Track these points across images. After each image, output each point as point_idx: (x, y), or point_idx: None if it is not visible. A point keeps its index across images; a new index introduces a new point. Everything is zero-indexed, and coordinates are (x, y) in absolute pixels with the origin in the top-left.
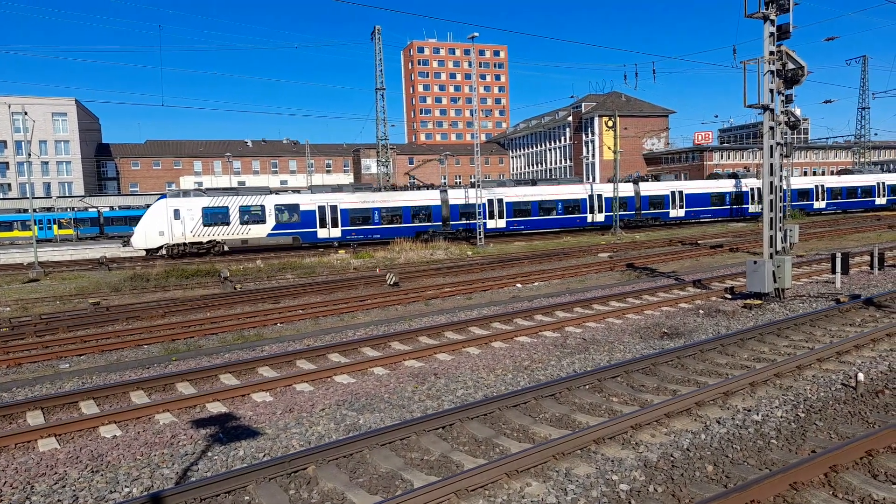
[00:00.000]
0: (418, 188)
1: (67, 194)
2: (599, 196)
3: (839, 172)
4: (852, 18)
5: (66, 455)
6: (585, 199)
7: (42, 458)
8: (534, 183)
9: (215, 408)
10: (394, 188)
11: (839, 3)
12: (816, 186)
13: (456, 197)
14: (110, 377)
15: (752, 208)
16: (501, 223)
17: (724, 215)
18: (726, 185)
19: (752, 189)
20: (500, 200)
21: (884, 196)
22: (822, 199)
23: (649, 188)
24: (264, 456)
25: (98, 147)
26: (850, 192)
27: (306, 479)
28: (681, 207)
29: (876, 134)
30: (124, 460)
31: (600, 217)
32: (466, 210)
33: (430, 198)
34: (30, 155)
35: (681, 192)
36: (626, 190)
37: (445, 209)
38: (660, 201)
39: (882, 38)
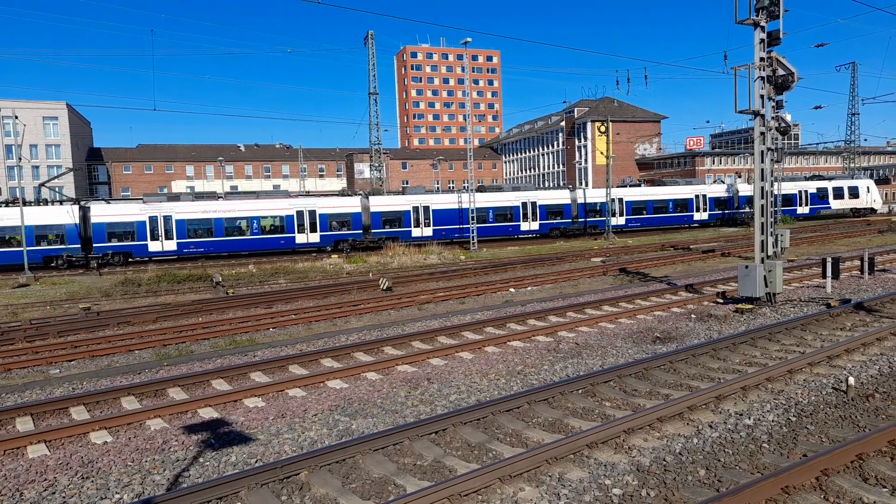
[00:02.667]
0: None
1: (60, 199)
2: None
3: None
4: (842, 25)
5: (55, 461)
6: (518, 207)
7: (31, 464)
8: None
9: (207, 413)
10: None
11: (829, 10)
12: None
13: (378, 204)
14: (101, 383)
15: (698, 216)
16: (428, 231)
17: (666, 223)
18: (667, 192)
19: (697, 196)
20: (425, 207)
21: (704, 211)
22: (622, 215)
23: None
24: (256, 462)
25: (89, 151)
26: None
27: (298, 485)
28: (621, 215)
29: (865, 139)
30: (115, 466)
31: (535, 225)
32: (390, 217)
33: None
34: (20, 159)
35: (621, 199)
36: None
37: (367, 217)
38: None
39: (871, 44)
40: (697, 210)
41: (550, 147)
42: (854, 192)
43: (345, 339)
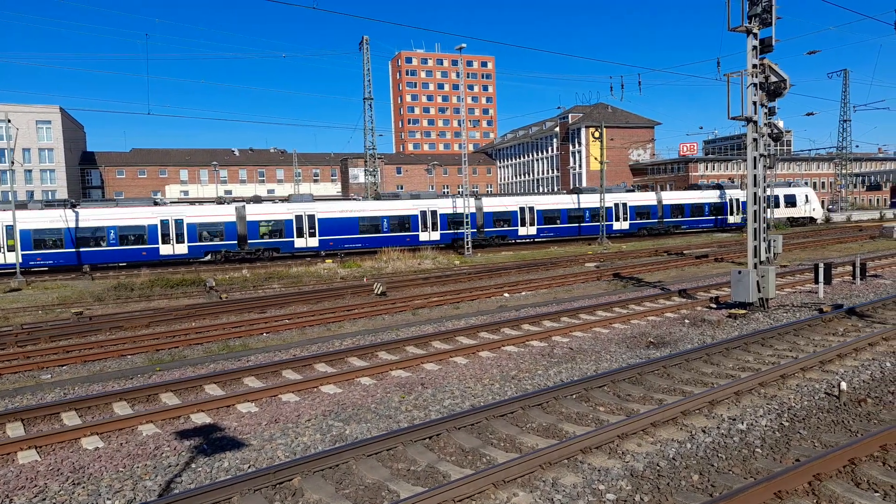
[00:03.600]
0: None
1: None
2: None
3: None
4: (833, 33)
5: (46, 467)
6: (417, 216)
7: (22, 470)
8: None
9: (200, 419)
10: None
11: (821, 17)
12: (522, 208)
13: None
14: (93, 388)
15: (617, 225)
16: (314, 241)
17: (573, 234)
18: (568, 201)
19: (616, 205)
20: (310, 216)
21: (624, 220)
22: (533, 225)
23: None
24: (249, 467)
25: (83, 155)
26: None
27: (291, 491)
28: (531, 225)
29: (857, 146)
30: (106, 472)
31: (435, 236)
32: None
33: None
34: (13, 163)
35: (531, 208)
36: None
37: (242, 226)
38: (507, 218)
39: (862, 52)
40: (617, 220)
41: (545, 152)
42: (791, 201)
43: (339, 344)
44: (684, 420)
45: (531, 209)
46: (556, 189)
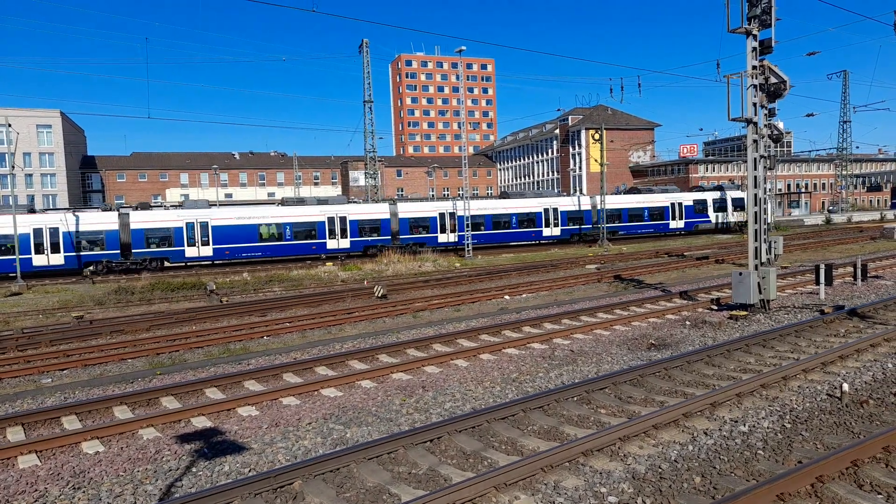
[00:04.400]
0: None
1: (52, 207)
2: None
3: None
4: (833, 34)
5: (46, 472)
6: (324, 223)
7: (22, 474)
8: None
9: (200, 422)
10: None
11: (820, 19)
12: (441, 214)
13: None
14: (93, 392)
15: (547, 231)
16: (207, 250)
17: (499, 241)
18: (496, 206)
19: (546, 210)
20: (203, 224)
21: (556, 227)
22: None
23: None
24: (250, 471)
25: (83, 159)
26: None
27: (292, 495)
28: (453, 231)
29: (857, 147)
30: (107, 477)
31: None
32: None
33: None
34: (13, 167)
35: (451, 214)
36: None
37: (126, 235)
38: (426, 224)
39: (862, 53)
40: (547, 225)
41: (545, 154)
42: (740, 204)
43: (339, 347)
44: (686, 422)
45: (452, 215)
46: (557, 190)
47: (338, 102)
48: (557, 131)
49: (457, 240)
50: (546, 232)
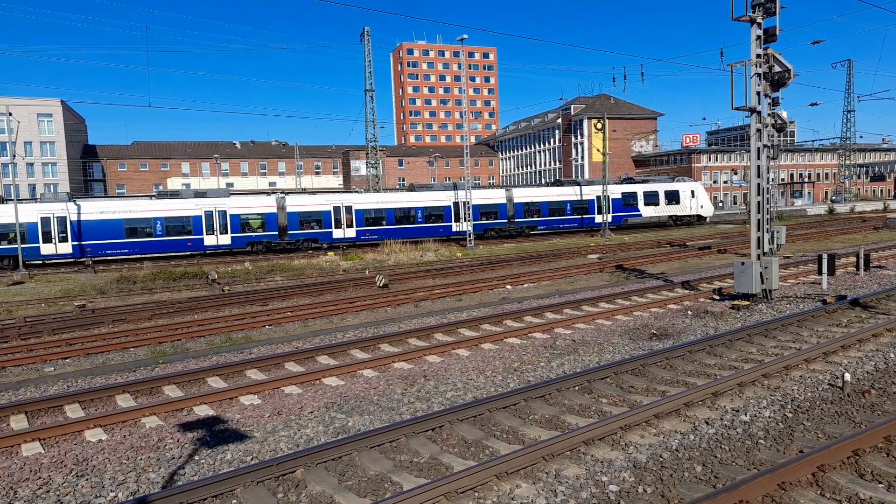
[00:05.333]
0: None
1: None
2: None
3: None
4: (838, 22)
5: (50, 459)
6: (200, 217)
7: (25, 462)
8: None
9: (202, 411)
10: None
11: (825, 7)
12: (336, 207)
13: None
14: (96, 380)
15: (457, 227)
16: (66, 247)
17: (407, 236)
18: (401, 199)
19: (456, 203)
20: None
21: (466, 222)
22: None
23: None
24: (252, 459)
25: (84, 148)
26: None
27: (294, 483)
28: (349, 226)
29: (861, 136)
30: (110, 464)
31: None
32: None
33: None
34: (14, 156)
35: (348, 207)
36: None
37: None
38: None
39: (867, 41)
40: (456, 220)
41: (547, 144)
42: (673, 197)
43: (341, 337)
44: (687, 411)
45: (349, 209)
46: (558, 180)
47: (339, 91)
48: (560, 120)
49: (355, 235)
50: (455, 227)
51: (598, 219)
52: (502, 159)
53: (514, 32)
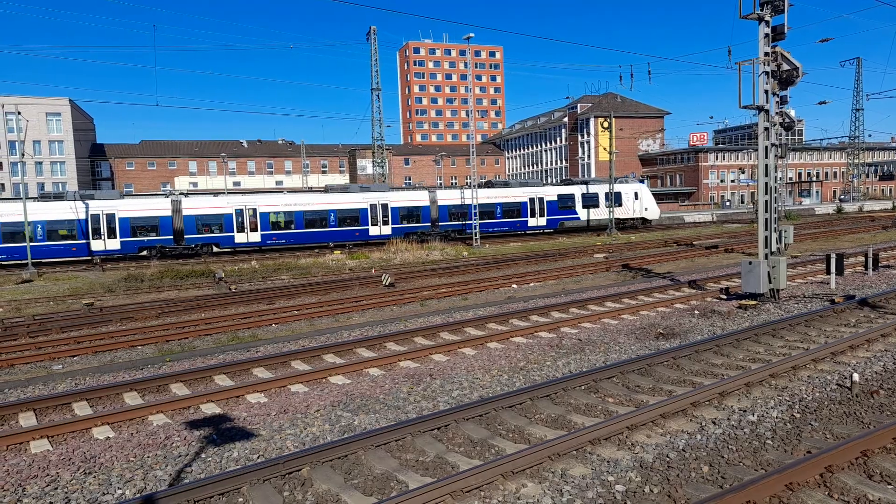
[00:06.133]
0: None
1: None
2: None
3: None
4: (846, 20)
5: (58, 457)
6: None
7: (34, 459)
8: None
9: (209, 409)
10: None
11: (834, 4)
12: (239, 210)
13: None
14: (103, 378)
15: (374, 230)
16: None
17: (315, 240)
18: (310, 201)
19: (373, 205)
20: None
21: (385, 224)
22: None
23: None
24: (258, 457)
25: (92, 147)
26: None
27: (301, 481)
28: (254, 230)
29: (870, 135)
30: (117, 462)
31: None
32: None
33: None
34: (23, 155)
35: (253, 210)
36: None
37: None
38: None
39: (876, 39)
40: (374, 224)
41: (553, 143)
42: (616, 199)
43: (347, 335)
44: (694, 411)
45: (254, 211)
46: (563, 179)
47: (346, 90)
48: (566, 119)
49: (259, 240)
50: (373, 231)
51: (532, 222)
52: (508, 158)
53: (520, 31)
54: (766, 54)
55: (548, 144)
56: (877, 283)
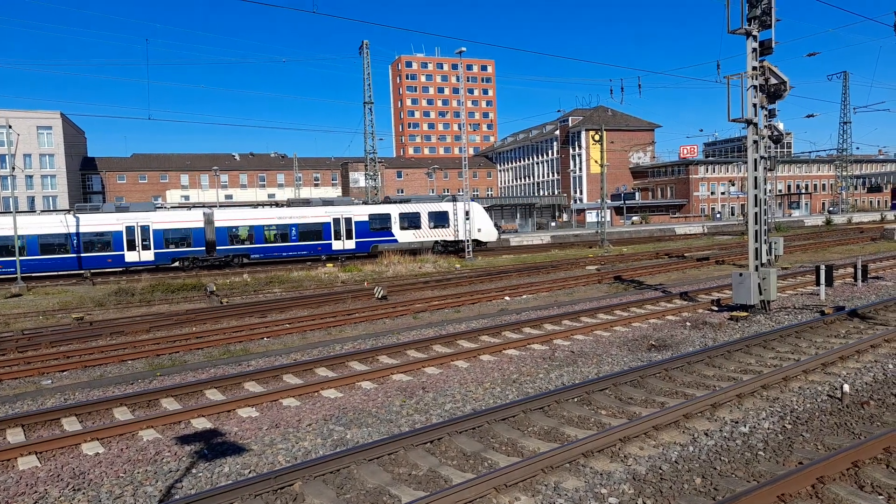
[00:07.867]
0: None
1: (52, 208)
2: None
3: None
4: (833, 35)
5: (46, 473)
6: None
7: (22, 476)
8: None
9: (200, 423)
10: None
11: (820, 19)
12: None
13: None
14: (93, 393)
15: (131, 256)
16: None
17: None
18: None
19: (130, 227)
20: None
21: (146, 250)
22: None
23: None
24: (250, 472)
25: (83, 161)
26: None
27: (293, 496)
28: (145, 249)
29: (858, 148)
30: (107, 478)
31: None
32: None
33: None
34: (14, 168)
35: (146, 227)
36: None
37: None
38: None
39: (862, 54)
40: (131, 248)
41: (545, 156)
42: (441, 219)
43: (339, 349)
44: (686, 423)
45: (145, 228)
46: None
47: (338, 104)
48: (557, 132)
49: (153, 258)
50: (129, 257)
51: (338, 245)
52: (500, 171)
53: (512, 45)
54: (754, 68)
55: (540, 157)
56: (866, 294)
